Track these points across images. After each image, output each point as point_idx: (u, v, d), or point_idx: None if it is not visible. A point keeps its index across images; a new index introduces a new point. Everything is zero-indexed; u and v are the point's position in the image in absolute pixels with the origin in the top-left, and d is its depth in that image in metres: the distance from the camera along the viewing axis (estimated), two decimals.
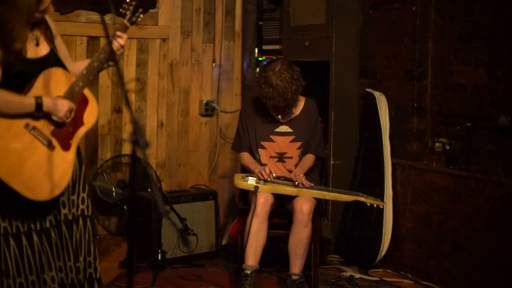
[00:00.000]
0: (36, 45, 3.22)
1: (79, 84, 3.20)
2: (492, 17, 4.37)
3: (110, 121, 5.32)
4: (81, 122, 3.27)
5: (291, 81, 4.26)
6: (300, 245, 4.26)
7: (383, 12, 5.07)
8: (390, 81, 5.04)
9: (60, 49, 3.37)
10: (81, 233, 3.36)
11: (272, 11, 5.75)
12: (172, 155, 5.63)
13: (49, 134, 3.17)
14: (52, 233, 3.26)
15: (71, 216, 3.32)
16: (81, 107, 3.26)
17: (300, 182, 4.26)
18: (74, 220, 3.34)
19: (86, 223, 3.38)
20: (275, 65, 4.32)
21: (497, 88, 4.36)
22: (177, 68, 5.60)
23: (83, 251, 3.37)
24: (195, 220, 5.08)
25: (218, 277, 4.73)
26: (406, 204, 4.83)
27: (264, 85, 4.28)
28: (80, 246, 3.35)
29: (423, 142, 4.85)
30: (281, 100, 4.28)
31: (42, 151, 3.14)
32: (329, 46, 5.05)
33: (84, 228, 3.37)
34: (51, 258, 3.26)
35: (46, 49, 3.25)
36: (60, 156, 3.18)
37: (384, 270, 4.89)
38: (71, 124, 3.22)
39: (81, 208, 3.37)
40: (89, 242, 3.39)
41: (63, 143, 3.19)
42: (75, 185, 3.35)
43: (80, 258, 3.35)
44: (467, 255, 4.37)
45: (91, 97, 3.31)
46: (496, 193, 4.18)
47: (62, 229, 3.29)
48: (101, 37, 5.09)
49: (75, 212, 3.34)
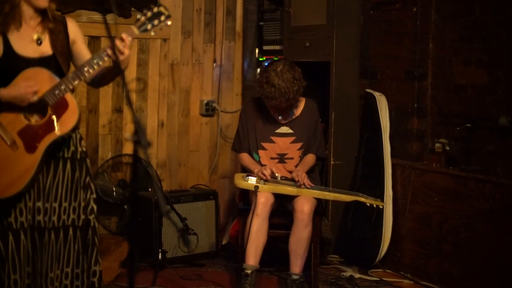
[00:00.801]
0: (39, 44, 3.18)
1: (61, 87, 3.08)
2: (493, 18, 4.38)
3: (111, 121, 5.33)
4: (54, 127, 3.13)
5: (293, 81, 4.27)
6: (301, 245, 4.27)
7: (384, 12, 5.07)
8: (390, 81, 5.04)
9: (81, 53, 3.30)
10: (70, 243, 3.26)
11: (272, 11, 5.76)
12: (173, 155, 5.64)
13: (15, 133, 3.10)
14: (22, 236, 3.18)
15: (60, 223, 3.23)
16: (58, 111, 3.13)
17: (303, 182, 4.27)
18: (63, 227, 3.24)
19: (75, 233, 3.28)
20: (277, 65, 4.33)
21: (497, 89, 4.36)
22: (178, 68, 5.61)
23: (71, 262, 3.27)
24: (195, 220, 5.08)
25: (219, 277, 4.74)
26: (406, 204, 4.83)
27: (266, 85, 4.29)
28: (65, 256, 3.26)
29: (423, 143, 4.86)
30: (283, 100, 4.28)
31: (3, 149, 3.09)
32: (330, 46, 5.06)
33: (73, 237, 3.27)
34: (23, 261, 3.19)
35: (48, 51, 3.20)
36: (21, 157, 3.10)
37: (384, 270, 4.89)
38: (42, 127, 3.12)
39: (72, 218, 3.27)
40: (77, 253, 3.28)
41: (28, 144, 3.11)
42: (67, 193, 3.26)
43: (65, 269, 3.26)
44: (467, 255, 4.37)
45: (72, 103, 3.16)
46: (496, 193, 4.19)
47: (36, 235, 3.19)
48: (102, 37, 5.10)
49: (66, 220, 3.25)
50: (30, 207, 3.19)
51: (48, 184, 3.23)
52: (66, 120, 3.15)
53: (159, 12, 3.12)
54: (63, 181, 3.26)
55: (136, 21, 3.13)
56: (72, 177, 3.28)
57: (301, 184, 4.27)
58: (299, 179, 4.29)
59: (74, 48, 3.30)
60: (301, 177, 4.30)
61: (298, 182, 4.29)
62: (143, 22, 3.11)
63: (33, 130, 3.12)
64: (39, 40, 3.19)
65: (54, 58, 3.21)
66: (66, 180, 3.26)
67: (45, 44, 3.20)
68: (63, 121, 3.14)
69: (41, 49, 3.19)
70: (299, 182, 4.28)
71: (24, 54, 3.15)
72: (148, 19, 3.11)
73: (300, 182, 4.28)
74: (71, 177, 3.28)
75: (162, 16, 3.12)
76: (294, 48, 5.39)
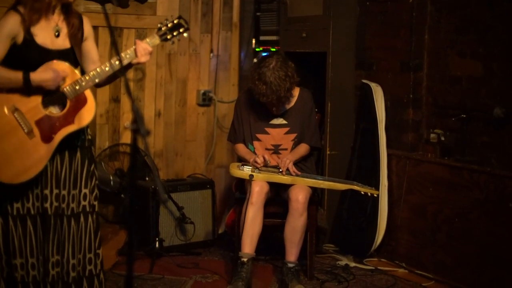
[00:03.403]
0: (56, 36, 3.23)
1: (82, 83, 3.19)
2: (488, 10, 4.39)
3: (108, 111, 5.35)
4: (72, 120, 3.22)
5: (285, 79, 4.29)
6: (296, 234, 4.30)
7: (380, 4, 5.09)
8: (386, 72, 5.07)
9: (90, 52, 3.38)
10: (81, 229, 3.34)
11: (269, 2, 5.77)
12: (169, 145, 5.66)
13: (33, 122, 3.16)
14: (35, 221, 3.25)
15: (69, 211, 3.30)
16: (77, 106, 3.23)
17: (285, 168, 4.31)
18: (73, 215, 3.31)
19: (87, 219, 3.36)
20: (269, 61, 4.33)
21: (492, 80, 4.39)
22: (175, 58, 5.63)
23: (83, 248, 3.35)
24: (192, 209, 5.11)
25: (215, 265, 4.77)
26: (401, 194, 4.87)
27: (258, 82, 4.31)
28: (79, 242, 3.33)
29: (419, 133, 4.89)
30: (274, 97, 4.32)
31: (20, 136, 3.14)
32: (326, 37, 5.07)
33: (85, 224, 3.35)
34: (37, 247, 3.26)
35: (66, 44, 3.26)
36: (37, 146, 3.16)
37: (379, 259, 4.93)
38: (60, 119, 3.20)
39: (83, 204, 3.35)
40: (90, 239, 3.37)
41: (44, 134, 3.17)
42: (77, 180, 3.33)
43: (78, 255, 3.33)
44: (461, 245, 4.41)
45: (91, 99, 3.27)
46: (490, 184, 4.23)
47: (50, 222, 3.26)
48: (100, 27, 5.10)
49: (75, 208, 3.32)
50: (38, 194, 3.25)
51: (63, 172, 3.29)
52: (83, 115, 3.24)
53: (179, 24, 3.33)
54: (73, 169, 3.32)
55: (158, 30, 3.31)
56: (82, 165, 3.35)
57: (283, 170, 4.30)
58: (281, 165, 4.32)
59: (85, 45, 3.37)
60: (285, 163, 4.33)
61: (280, 168, 4.32)
62: (164, 32, 3.31)
63: (51, 121, 3.19)
64: (58, 32, 3.24)
65: (72, 51, 3.29)
66: (76, 168, 3.33)
67: (62, 37, 3.26)
68: (80, 115, 3.24)
69: (59, 41, 3.25)
70: (281, 168, 4.31)
71: (44, 44, 3.20)
72: (169, 30, 3.31)
73: (282, 169, 4.31)
74: (80, 164, 3.35)
75: (182, 28, 3.33)
76: (290, 39, 5.40)
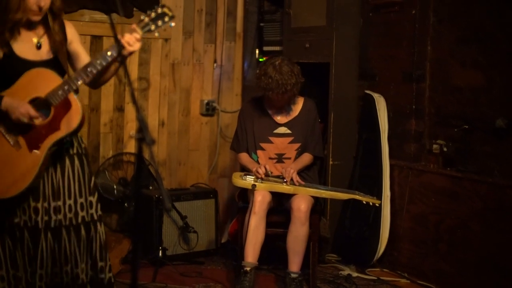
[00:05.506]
0: (38, 48, 3.19)
1: (64, 87, 3.06)
2: (489, 20, 4.40)
3: (112, 119, 5.38)
4: (57, 127, 3.12)
5: (291, 74, 4.32)
6: (298, 243, 4.31)
7: (383, 15, 5.11)
8: (389, 83, 5.08)
9: (80, 55, 3.30)
10: (92, 238, 3.31)
11: (273, 12, 5.80)
12: (173, 154, 5.68)
13: (18, 132, 3.11)
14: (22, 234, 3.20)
15: (67, 221, 3.25)
16: (61, 111, 3.12)
17: (289, 178, 4.32)
18: (83, 224, 3.28)
19: (96, 227, 3.33)
20: (275, 59, 4.39)
21: (493, 91, 4.40)
22: (179, 68, 5.66)
23: (92, 257, 3.32)
24: (195, 218, 5.13)
25: (218, 274, 4.78)
26: (404, 204, 4.87)
27: (263, 77, 4.33)
28: (87, 252, 3.30)
29: (421, 144, 4.90)
30: (279, 91, 4.32)
31: (6, 149, 3.10)
32: (329, 48, 5.10)
33: (95, 232, 3.32)
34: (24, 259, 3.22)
35: (49, 54, 3.21)
36: (24, 157, 3.10)
37: (381, 269, 4.94)
38: (46, 127, 3.11)
39: (90, 213, 3.31)
40: (100, 247, 3.34)
41: (31, 144, 3.11)
42: (81, 189, 3.29)
43: (81, 264, 3.28)
44: (463, 254, 4.42)
45: (75, 103, 3.14)
46: (491, 194, 4.24)
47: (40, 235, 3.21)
48: (104, 37, 5.15)
49: (85, 216, 3.28)
50: (25, 208, 3.19)
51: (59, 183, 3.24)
52: (69, 120, 3.13)
53: (163, 13, 3.06)
54: (74, 177, 3.28)
55: (140, 22, 3.08)
56: (82, 172, 3.31)
57: (287, 180, 4.32)
58: (285, 175, 4.34)
59: (71, 48, 3.30)
60: (289, 173, 4.34)
61: (285, 178, 4.34)
62: (146, 22, 3.07)
63: (36, 129, 3.11)
64: (39, 43, 3.20)
65: (54, 61, 3.22)
66: (77, 176, 3.29)
67: (44, 48, 3.21)
68: (66, 120, 3.13)
69: (41, 53, 3.20)
70: (286, 178, 4.33)
71: (25, 56, 3.15)
72: (151, 20, 3.06)
73: (286, 179, 4.33)
74: (81, 171, 3.30)
75: (166, 17, 3.06)
76: (294, 49, 5.42)
